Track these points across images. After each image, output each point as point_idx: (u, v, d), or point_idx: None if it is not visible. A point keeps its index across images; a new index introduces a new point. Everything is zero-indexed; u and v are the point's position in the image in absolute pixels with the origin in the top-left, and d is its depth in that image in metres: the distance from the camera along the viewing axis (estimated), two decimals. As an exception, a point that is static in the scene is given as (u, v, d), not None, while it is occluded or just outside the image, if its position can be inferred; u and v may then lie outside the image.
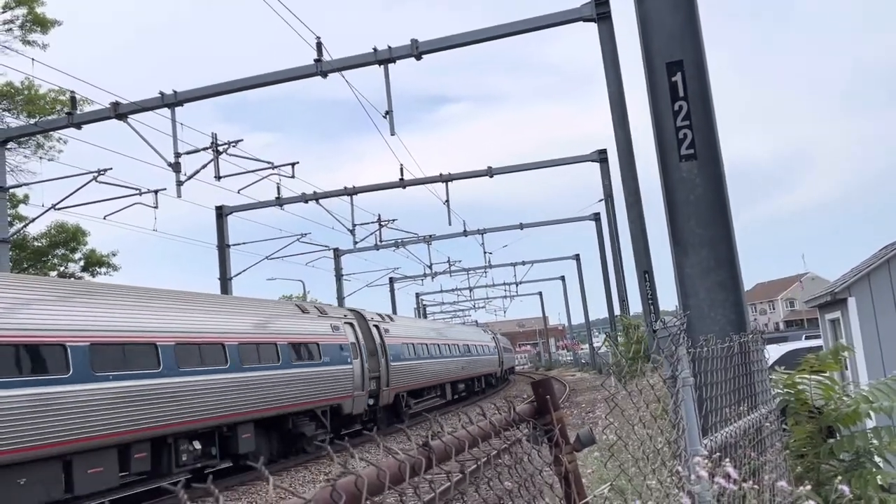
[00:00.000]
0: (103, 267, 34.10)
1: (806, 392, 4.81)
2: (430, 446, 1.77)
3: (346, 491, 1.32)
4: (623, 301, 30.50)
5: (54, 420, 11.00)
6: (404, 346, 25.28)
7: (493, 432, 2.21)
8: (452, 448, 1.87)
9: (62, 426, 11.09)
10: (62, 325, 11.64)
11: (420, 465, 1.66)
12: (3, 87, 29.00)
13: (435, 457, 1.75)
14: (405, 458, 1.61)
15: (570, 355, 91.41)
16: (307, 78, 19.31)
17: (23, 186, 26.06)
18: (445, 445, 1.85)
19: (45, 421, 10.85)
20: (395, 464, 1.57)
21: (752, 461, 3.51)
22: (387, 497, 1.54)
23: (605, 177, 29.79)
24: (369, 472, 1.44)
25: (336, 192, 29.69)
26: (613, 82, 18.31)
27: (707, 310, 5.50)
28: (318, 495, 1.25)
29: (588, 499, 2.65)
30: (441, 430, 1.93)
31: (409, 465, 1.60)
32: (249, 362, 15.81)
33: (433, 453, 1.75)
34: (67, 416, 11.19)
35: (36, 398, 10.78)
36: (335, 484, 1.31)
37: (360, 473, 1.39)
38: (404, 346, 25.33)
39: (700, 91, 5.89)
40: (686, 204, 5.80)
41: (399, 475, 1.56)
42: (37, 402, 10.77)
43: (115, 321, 12.70)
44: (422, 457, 1.69)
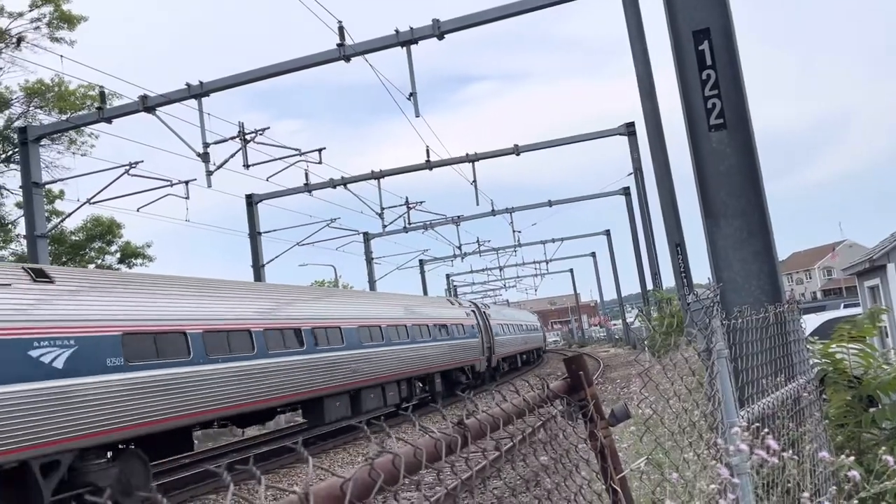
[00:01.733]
0: (139, 258, 34.73)
1: (844, 361, 4.74)
2: (466, 424, 1.78)
3: (384, 469, 1.34)
4: (655, 275, 30.24)
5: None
6: (499, 327, 33.94)
7: (527, 409, 2.22)
8: (487, 426, 1.89)
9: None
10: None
11: (456, 443, 1.68)
12: (34, 84, 29.51)
13: (470, 434, 1.77)
14: (441, 436, 1.63)
15: (604, 331, 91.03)
16: (330, 63, 19.33)
17: (58, 182, 26.58)
18: (480, 423, 1.87)
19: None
20: (431, 442, 1.59)
21: (791, 432, 3.48)
22: (424, 476, 1.56)
23: (634, 150, 29.45)
24: (406, 450, 1.46)
25: (363, 177, 29.79)
26: (639, 54, 18.03)
27: (741, 281, 5.43)
28: (357, 474, 1.27)
29: (624, 473, 2.66)
30: (476, 408, 1.95)
31: (444, 444, 1.62)
32: (431, 337, 24.39)
33: (468, 431, 1.77)
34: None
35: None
36: (373, 463, 1.33)
37: (397, 452, 1.41)
38: (499, 326, 34.06)
39: (728, 59, 5.78)
40: (717, 174, 5.72)
41: (435, 453, 1.58)
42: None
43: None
44: (457, 435, 1.71)
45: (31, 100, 30.00)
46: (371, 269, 42.56)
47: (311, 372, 16.51)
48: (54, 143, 29.40)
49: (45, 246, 21.64)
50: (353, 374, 18.32)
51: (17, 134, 23.07)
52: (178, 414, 12.22)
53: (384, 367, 20.27)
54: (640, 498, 3.19)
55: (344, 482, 1.23)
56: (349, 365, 18.23)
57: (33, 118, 29.22)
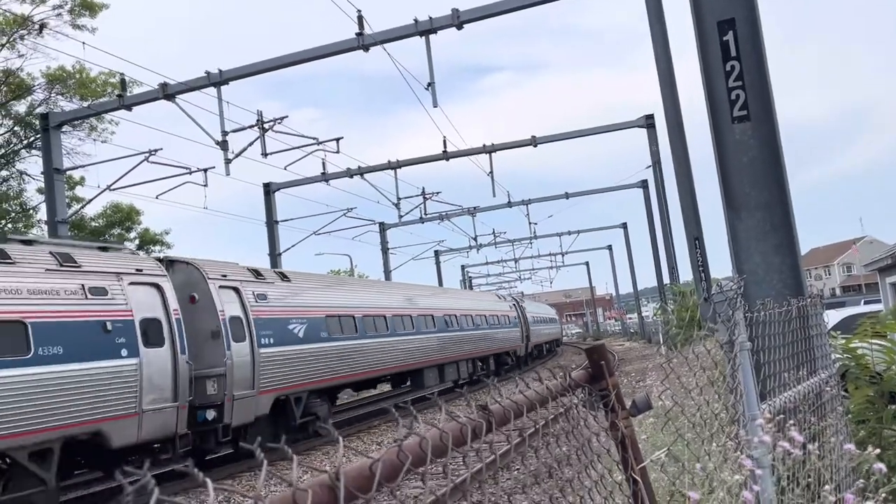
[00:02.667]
0: (157, 245, 35.03)
1: (866, 356, 4.69)
2: (490, 410, 1.79)
3: (412, 451, 1.35)
4: (672, 269, 30.05)
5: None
6: (532, 318, 38.85)
7: (549, 397, 2.22)
8: (511, 412, 1.89)
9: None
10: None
11: (480, 428, 1.69)
12: (55, 71, 29.76)
13: (494, 420, 1.77)
14: (466, 421, 1.63)
15: (619, 325, 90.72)
16: (349, 52, 19.33)
17: (78, 168, 26.81)
18: (504, 409, 1.87)
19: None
20: (457, 427, 1.59)
21: (813, 426, 3.46)
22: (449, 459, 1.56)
23: (653, 142, 29.19)
24: (433, 433, 1.47)
25: (380, 167, 29.80)
26: (660, 44, 17.86)
27: (763, 274, 5.39)
28: (386, 455, 1.28)
29: (645, 463, 2.65)
30: (500, 394, 1.95)
31: (470, 428, 1.62)
32: (489, 326, 29.73)
33: (492, 416, 1.77)
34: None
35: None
36: (402, 445, 1.34)
37: (423, 435, 1.42)
38: (531, 317, 38.92)
39: (753, 50, 5.71)
40: (739, 166, 5.67)
41: (461, 437, 1.59)
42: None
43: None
44: (482, 420, 1.71)
45: (53, 86, 30.27)
46: (387, 260, 42.65)
47: (422, 349, 22.55)
48: (75, 129, 29.67)
49: (65, 231, 21.85)
50: (442, 352, 24.15)
51: (39, 120, 23.29)
52: (351, 373, 18.14)
53: (460, 349, 25.98)
54: (659, 490, 3.18)
55: (373, 463, 1.24)
56: (441, 345, 24.20)
57: (55, 105, 29.50)
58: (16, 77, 29.08)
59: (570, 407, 2.39)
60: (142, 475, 0.82)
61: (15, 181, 31.42)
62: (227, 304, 13.97)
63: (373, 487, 1.21)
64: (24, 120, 30.40)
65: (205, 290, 13.70)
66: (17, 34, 27.36)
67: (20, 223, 31.89)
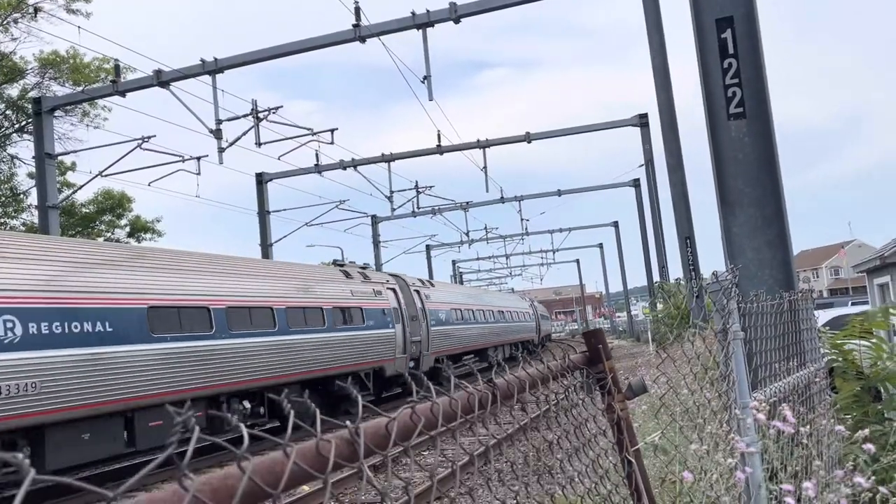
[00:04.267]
0: (148, 233, 34.89)
1: (854, 352, 4.78)
2: (495, 383, 1.84)
3: (423, 414, 1.40)
4: (662, 268, 30.23)
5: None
6: (540, 315, 48.46)
7: (550, 376, 2.28)
8: (514, 386, 1.94)
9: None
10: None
11: (487, 400, 1.74)
12: (49, 56, 29.56)
13: (499, 393, 1.82)
14: (474, 391, 1.68)
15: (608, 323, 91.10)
16: (345, 43, 19.31)
17: (70, 154, 26.69)
18: (508, 383, 1.93)
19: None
20: (465, 396, 1.64)
21: (802, 416, 3.53)
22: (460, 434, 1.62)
23: (646, 141, 29.34)
24: (443, 399, 1.52)
25: (374, 159, 29.79)
26: (656, 43, 17.96)
27: (755, 269, 5.46)
28: (400, 416, 1.33)
29: (639, 445, 2.71)
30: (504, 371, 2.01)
31: (477, 398, 1.68)
32: (516, 320, 39.57)
33: (497, 390, 1.82)
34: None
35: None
36: (414, 407, 1.39)
37: (434, 400, 1.47)
38: (540, 315, 48.23)
39: (751, 48, 5.78)
40: (734, 163, 5.74)
41: (468, 406, 1.64)
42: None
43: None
44: (487, 391, 1.77)
45: (46, 71, 30.07)
46: (378, 253, 42.64)
47: (484, 333, 31.40)
48: (68, 114, 29.51)
49: (56, 217, 21.76)
50: (488, 339, 31.63)
51: (32, 104, 23.15)
52: (468, 345, 28.91)
53: (499, 337, 33.70)
54: (652, 473, 3.25)
55: (389, 422, 1.29)
56: (492, 332, 32.48)
57: (47, 89, 29.30)
58: (8, 60, 28.87)
59: (568, 388, 2.45)
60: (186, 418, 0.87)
61: (6, 165, 31.22)
62: (420, 300, 23.83)
63: (389, 445, 1.26)
64: (16, 104, 30.19)
65: (408, 292, 23.42)
66: (11, 17, 27.16)
67: (10, 207, 31.70)
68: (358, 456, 1.15)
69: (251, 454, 0.96)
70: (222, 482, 0.91)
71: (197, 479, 0.87)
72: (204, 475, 0.91)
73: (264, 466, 0.98)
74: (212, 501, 0.87)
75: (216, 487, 0.89)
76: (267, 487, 0.96)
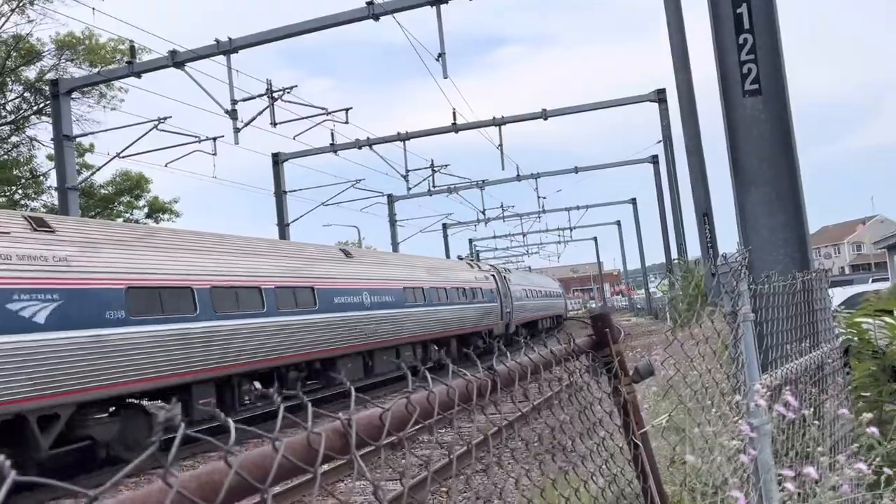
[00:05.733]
0: (166, 213, 35.16)
1: (870, 332, 4.73)
2: (495, 370, 1.84)
3: (419, 403, 1.40)
4: (681, 245, 30.01)
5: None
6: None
7: (553, 361, 2.28)
8: (515, 373, 1.94)
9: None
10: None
11: (486, 387, 1.74)
12: (65, 37, 29.68)
13: (499, 380, 1.83)
14: (472, 378, 1.69)
15: (626, 301, 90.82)
16: (359, 21, 19.20)
17: (88, 136, 26.86)
18: (509, 370, 1.93)
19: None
20: (463, 384, 1.65)
21: (813, 397, 3.51)
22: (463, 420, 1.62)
23: (664, 117, 28.99)
24: (440, 388, 1.52)
25: (389, 138, 29.71)
26: (673, 17, 17.67)
27: (769, 248, 5.40)
28: (395, 406, 1.33)
29: (647, 428, 2.71)
30: (506, 357, 2.01)
31: (475, 386, 1.68)
32: (556, 296, 50.55)
33: (497, 376, 1.82)
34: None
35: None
36: (410, 397, 1.39)
37: (431, 389, 1.47)
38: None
39: (767, 23, 5.67)
40: (749, 140, 5.66)
41: (467, 394, 1.64)
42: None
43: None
44: (487, 379, 1.77)
45: (63, 52, 30.21)
46: (394, 232, 42.71)
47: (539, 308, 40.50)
48: (85, 96, 29.67)
49: (75, 198, 21.95)
50: (541, 312, 40.45)
51: (49, 86, 23.29)
52: (544, 314, 41.76)
53: (546, 311, 42.03)
54: (661, 457, 3.25)
55: (383, 413, 1.29)
56: (543, 307, 41.26)
57: (64, 71, 29.45)
58: (25, 42, 29.02)
59: (573, 371, 2.45)
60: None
61: (25, 147, 31.53)
62: (506, 285, 31.76)
63: (382, 435, 1.26)
64: (33, 86, 30.39)
65: (501, 278, 31.59)
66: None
67: (30, 189, 32.06)
68: (350, 448, 1.16)
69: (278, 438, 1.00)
70: (209, 477, 0.92)
71: (182, 475, 0.88)
72: (189, 471, 0.92)
73: (252, 461, 0.99)
74: (198, 497, 0.88)
75: (202, 483, 0.90)
76: (255, 482, 0.97)
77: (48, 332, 10.14)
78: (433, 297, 23.53)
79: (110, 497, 0.78)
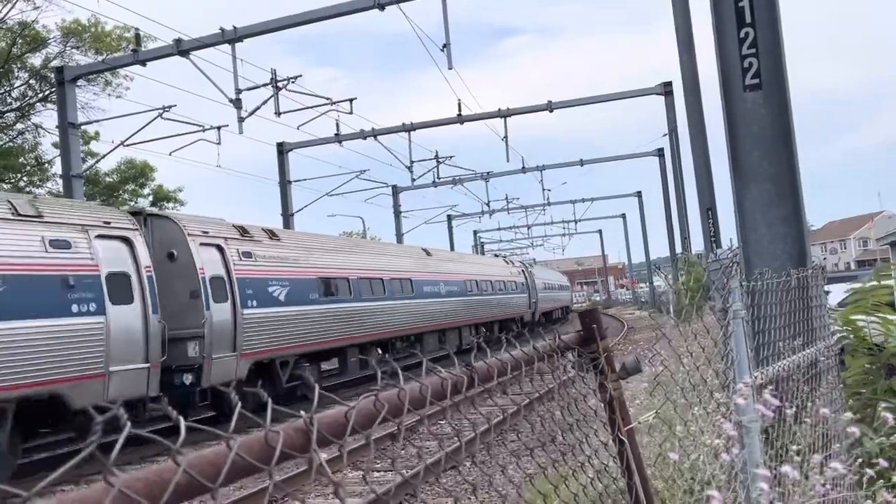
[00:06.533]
0: (170, 202, 35.20)
1: (864, 329, 4.70)
2: (473, 366, 1.83)
3: (388, 401, 1.40)
4: (685, 239, 29.93)
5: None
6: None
7: (536, 358, 2.26)
8: (495, 369, 1.93)
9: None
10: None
11: (461, 384, 1.73)
12: (71, 24, 29.66)
13: (477, 376, 1.81)
14: (447, 375, 1.68)
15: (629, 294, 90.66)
16: (365, 11, 19.13)
17: (93, 123, 26.86)
18: (488, 367, 1.92)
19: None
20: (437, 381, 1.64)
21: (804, 395, 3.50)
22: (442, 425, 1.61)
23: (670, 110, 28.86)
24: (412, 386, 1.51)
25: (394, 129, 29.64)
26: (680, 11, 17.55)
27: (767, 244, 5.38)
28: (361, 403, 1.32)
29: (632, 425, 2.71)
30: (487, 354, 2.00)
31: (450, 383, 1.67)
32: (568, 289, 55.49)
33: (475, 373, 1.81)
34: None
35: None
36: (378, 394, 1.38)
37: (402, 387, 1.46)
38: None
39: (768, 17, 5.62)
40: (749, 136, 5.62)
41: (441, 391, 1.63)
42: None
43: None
44: (464, 375, 1.76)
45: (68, 40, 30.19)
46: (399, 223, 42.69)
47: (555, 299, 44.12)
48: (90, 83, 29.66)
49: (80, 186, 21.98)
50: (556, 304, 44.94)
51: (54, 73, 23.27)
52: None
53: (560, 302, 46.89)
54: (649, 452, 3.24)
55: (348, 410, 1.28)
56: (557, 298, 45.22)
57: (70, 58, 29.46)
58: (31, 29, 29.01)
59: (557, 367, 2.44)
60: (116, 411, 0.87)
61: (30, 134, 31.57)
62: (532, 279, 36.99)
63: (346, 433, 1.26)
64: (39, 73, 30.40)
65: (528, 273, 37.17)
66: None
67: (35, 176, 32.12)
68: (310, 446, 1.15)
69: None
70: (157, 476, 0.91)
71: (128, 475, 0.88)
72: (137, 470, 0.91)
73: (205, 459, 0.98)
74: (143, 497, 0.87)
75: (150, 482, 0.90)
76: (205, 481, 0.96)
77: (286, 306, 15.61)
78: (486, 288, 29.58)
79: (50, 497, 0.78)
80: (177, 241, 13.61)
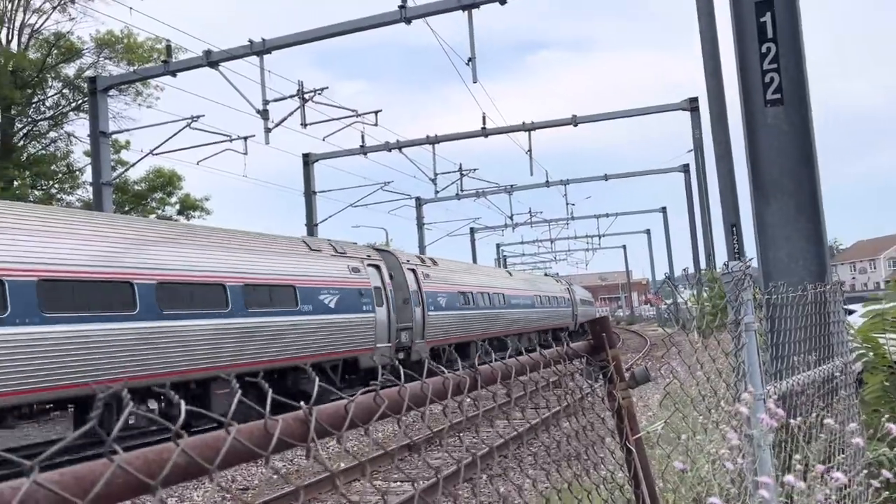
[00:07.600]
0: (197, 210, 35.66)
1: (884, 347, 4.65)
2: (477, 368, 1.86)
3: (388, 397, 1.43)
4: (709, 255, 29.69)
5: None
6: (577, 298, 48.89)
7: (543, 363, 2.29)
8: (499, 372, 1.96)
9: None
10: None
11: (464, 384, 1.76)
12: (104, 36, 30.32)
13: (481, 378, 1.84)
14: (450, 375, 1.71)
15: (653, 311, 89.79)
16: (391, 25, 19.33)
17: (124, 132, 27.38)
18: (492, 369, 1.95)
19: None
20: (439, 380, 1.67)
21: (819, 409, 3.47)
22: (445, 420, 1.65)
23: (696, 126, 28.71)
24: (413, 384, 1.55)
25: (418, 141, 29.80)
26: (706, 25, 17.49)
27: (787, 260, 5.35)
28: (361, 398, 1.36)
29: (640, 434, 2.71)
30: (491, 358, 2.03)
31: (452, 382, 1.70)
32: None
33: (479, 374, 1.84)
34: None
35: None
36: (378, 390, 1.42)
37: (403, 385, 1.50)
38: (577, 298, 49.10)
39: (790, 32, 5.62)
40: (770, 151, 5.61)
41: (443, 390, 1.67)
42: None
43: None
44: (467, 377, 1.79)
45: (101, 50, 30.85)
46: (422, 235, 42.83)
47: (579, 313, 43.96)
48: (122, 93, 30.25)
49: (109, 194, 22.39)
50: (585, 317, 40.05)
51: (87, 83, 23.78)
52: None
53: (587, 315, 42.00)
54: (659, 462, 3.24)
55: (347, 403, 1.32)
56: (584, 312, 44.84)
57: (102, 69, 30.07)
58: (66, 40, 29.69)
59: (565, 374, 2.46)
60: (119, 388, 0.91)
61: (63, 143, 32.23)
62: (571, 293, 42.39)
63: (344, 426, 1.30)
64: (72, 83, 31.07)
65: (569, 289, 42.99)
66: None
67: (66, 184, 32.75)
68: (308, 435, 1.19)
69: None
70: (156, 455, 0.96)
71: (130, 452, 0.93)
72: (139, 449, 0.96)
73: (203, 442, 1.03)
74: (141, 474, 0.92)
75: (149, 460, 0.94)
76: (203, 462, 1.00)
77: (445, 311, 23.02)
78: (545, 302, 36.16)
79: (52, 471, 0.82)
80: (394, 266, 20.90)
